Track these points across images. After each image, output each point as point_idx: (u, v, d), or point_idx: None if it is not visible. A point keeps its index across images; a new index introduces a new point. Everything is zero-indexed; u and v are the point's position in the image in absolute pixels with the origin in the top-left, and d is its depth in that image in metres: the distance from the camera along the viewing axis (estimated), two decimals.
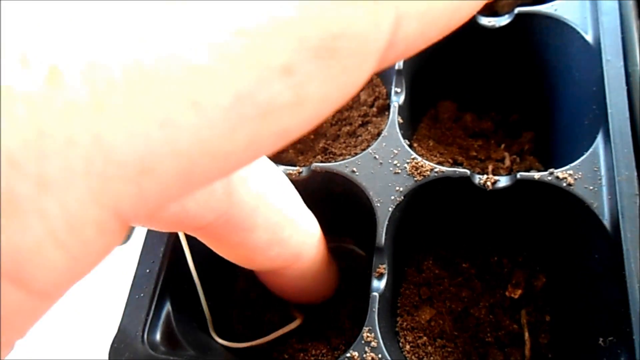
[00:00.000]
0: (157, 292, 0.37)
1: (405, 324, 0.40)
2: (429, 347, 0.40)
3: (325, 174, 0.40)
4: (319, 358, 0.39)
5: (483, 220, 0.42)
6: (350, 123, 0.50)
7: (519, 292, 0.43)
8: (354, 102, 0.52)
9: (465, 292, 0.43)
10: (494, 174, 0.40)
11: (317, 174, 0.41)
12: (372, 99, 0.51)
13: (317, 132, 0.51)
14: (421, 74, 0.48)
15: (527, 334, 0.41)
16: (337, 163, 0.40)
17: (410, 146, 0.48)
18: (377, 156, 0.40)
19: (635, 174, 0.34)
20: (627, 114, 0.36)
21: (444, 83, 0.50)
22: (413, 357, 0.39)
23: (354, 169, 0.40)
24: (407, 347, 0.39)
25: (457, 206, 0.41)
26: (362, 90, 0.52)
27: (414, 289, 0.42)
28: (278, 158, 0.51)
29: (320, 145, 0.49)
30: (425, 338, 0.40)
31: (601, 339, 0.34)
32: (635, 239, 0.32)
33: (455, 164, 0.46)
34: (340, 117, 0.51)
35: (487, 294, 0.43)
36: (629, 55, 0.40)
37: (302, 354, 0.41)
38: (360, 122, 0.50)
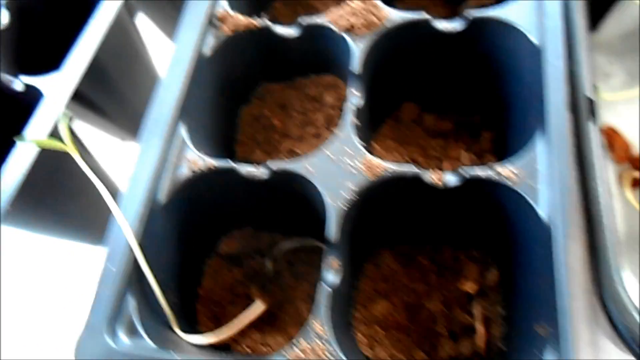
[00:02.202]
0: (123, 289, 0.39)
1: (360, 316, 0.42)
2: (383, 339, 0.41)
3: (285, 174, 0.42)
4: (277, 348, 0.41)
5: (437, 216, 0.44)
6: (315, 125, 0.52)
7: (473, 285, 0.44)
8: (320, 105, 0.54)
9: (421, 286, 0.44)
10: (451, 173, 0.41)
11: (278, 174, 0.42)
12: (337, 101, 0.52)
13: (284, 134, 0.53)
14: (383, 77, 0.49)
15: (479, 326, 0.43)
16: (294, 163, 0.42)
17: (370, 146, 0.50)
18: (332, 156, 0.41)
19: (571, 170, 0.36)
20: (564, 113, 0.38)
21: (407, 86, 0.52)
22: (367, 348, 0.41)
23: (310, 168, 0.41)
24: (362, 338, 0.41)
25: (410, 203, 0.42)
26: (327, 93, 0.54)
27: (371, 283, 0.44)
28: (246, 159, 0.52)
29: (286, 146, 0.51)
30: (379, 330, 0.42)
31: (539, 327, 0.35)
32: (567, 232, 0.34)
33: (413, 162, 0.48)
34: (305, 120, 0.53)
35: (442, 287, 0.45)
36: (573, 56, 0.42)
37: (261, 345, 0.43)
38: (324, 124, 0.52)
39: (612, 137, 0.55)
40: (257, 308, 0.44)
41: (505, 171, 0.38)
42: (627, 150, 0.55)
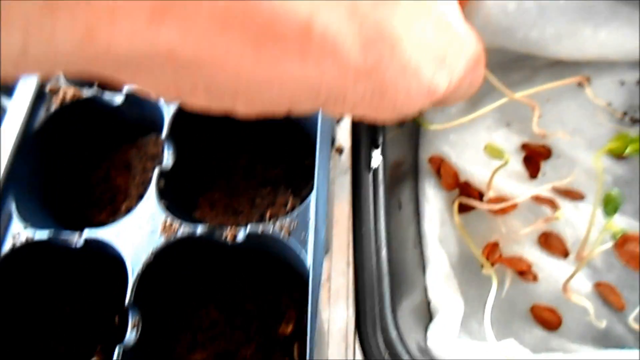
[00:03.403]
0: None
1: None
2: None
3: (95, 242, 0.45)
4: None
5: (242, 268, 0.46)
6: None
7: (290, 328, 0.47)
8: (159, 162, 0.57)
9: (239, 333, 0.47)
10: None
11: (90, 242, 0.45)
12: None
13: (126, 193, 0.56)
14: (203, 135, 0.53)
15: None
16: (103, 229, 0.45)
17: (197, 200, 0.53)
18: (135, 220, 0.44)
19: (325, 222, 0.39)
20: (328, 170, 0.41)
21: (236, 141, 0.55)
22: None
23: (117, 234, 0.44)
24: None
25: (211, 258, 0.45)
26: None
27: (191, 334, 0.47)
28: (98, 222, 0.55)
29: (124, 207, 0.54)
30: None
31: None
32: (318, 280, 0.37)
33: (236, 213, 0.51)
34: (145, 178, 0.56)
35: (262, 331, 0.47)
36: None
37: None
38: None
39: (439, 166, 0.59)
40: None
41: (282, 225, 0.41)
42: (454, 176, 0.58)
